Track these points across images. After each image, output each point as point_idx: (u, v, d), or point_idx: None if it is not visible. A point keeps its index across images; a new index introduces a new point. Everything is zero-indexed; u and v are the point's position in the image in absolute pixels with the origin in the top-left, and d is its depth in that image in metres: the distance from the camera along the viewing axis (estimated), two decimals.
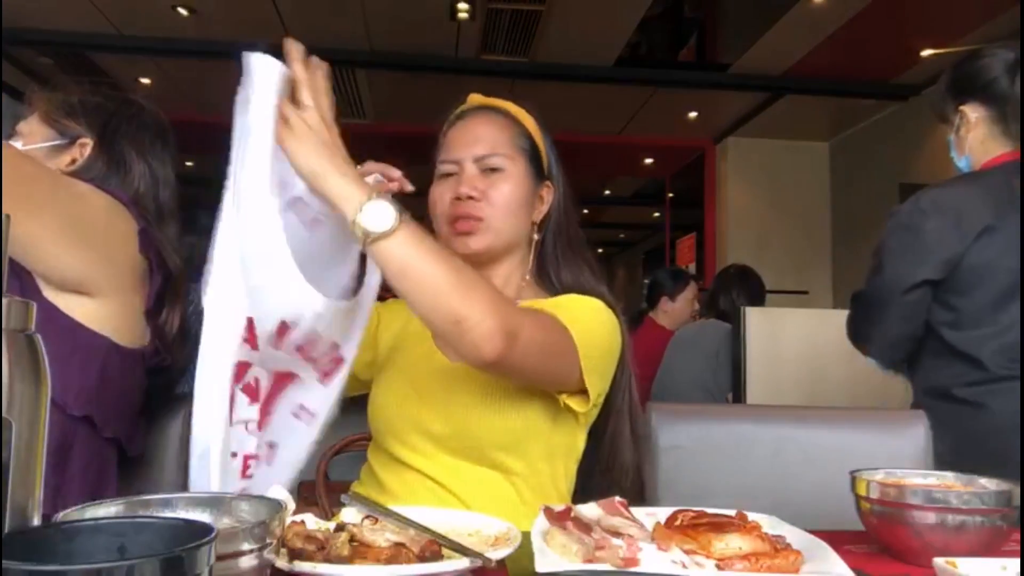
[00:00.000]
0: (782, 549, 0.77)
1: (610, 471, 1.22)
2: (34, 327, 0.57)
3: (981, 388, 1.52)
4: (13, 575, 0.42)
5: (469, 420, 1.10)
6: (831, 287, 6.34)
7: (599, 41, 4.97)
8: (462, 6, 4.50)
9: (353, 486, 1.21)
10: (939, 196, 1.59)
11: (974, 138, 1.64)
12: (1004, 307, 1.52)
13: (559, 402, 1.10)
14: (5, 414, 0.52)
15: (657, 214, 9.42)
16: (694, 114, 6.25)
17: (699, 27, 5.94)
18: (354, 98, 5.97)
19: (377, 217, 0.90)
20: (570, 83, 5.42)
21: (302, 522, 0.79)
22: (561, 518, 0.83)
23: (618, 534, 0.79)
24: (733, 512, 0.86)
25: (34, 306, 0.57)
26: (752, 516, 0.86)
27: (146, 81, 5.78)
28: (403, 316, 1.25)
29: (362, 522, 0.80)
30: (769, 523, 0.86)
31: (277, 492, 0.87)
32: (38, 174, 1.07)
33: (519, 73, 5.30)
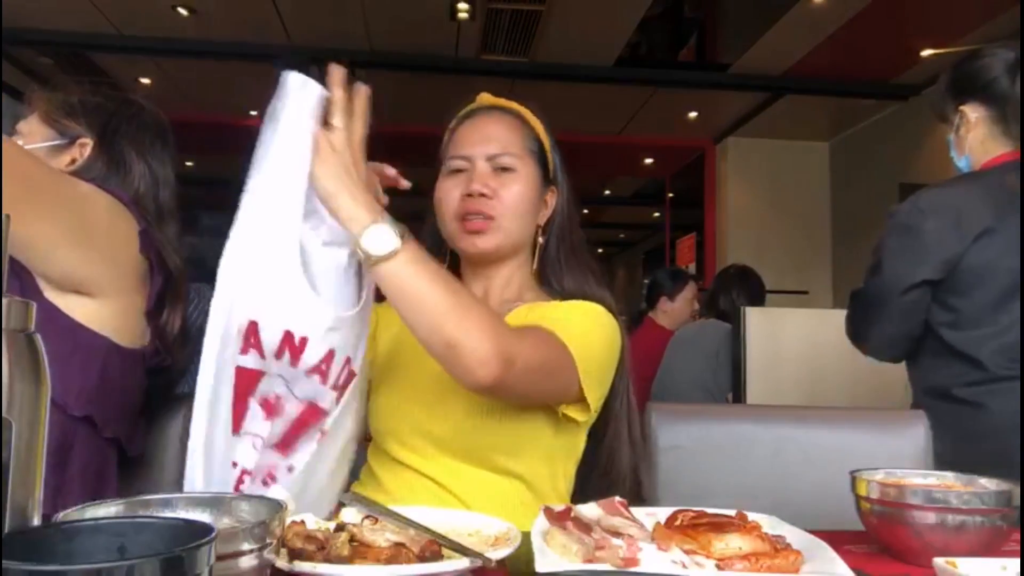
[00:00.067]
0: (782, 549, 0.77)
1: (607, 473, 1.22)
2: (34, 327, 0.57)
3: (981, 388, 1.52)
4: (13, 575, 0.42)
5: (471, 424, 1.10)
6: (831, 287, 6.33)
7: (599, 41, 4.97)
8: (462, 6, 4.50)
9: (353, 486, 1.21)
10: (938, 196, 1.59)
11: (974, 138, 1.64)
12: (1004, 307, 1.52)
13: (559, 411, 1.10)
14: (5, 414, 0.52)
15: (657, 214, 9.42)
16: (694, 114, 6.25)
17: (699, 27, 5.94)
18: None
19: (378, 240, 0.92)
20: (570, 83, 5.42)
21: (302, 522, 0.79)
22: (561, 518, 0.82)
23: (618, 534, 0.79)
24: (733, 512, 0.86)
25: (34, 306, 0.57)
26: (752, 516, 0.86)
27: (146, 81, 5.78)
28: (391, 321, 1.25)
29: (362, 522, 0.79)
30: (769, 523, 0.86)
31: (277, 492, 0.86)
32: (43, 173, 1.07)
33: (519, 73, 5.30)
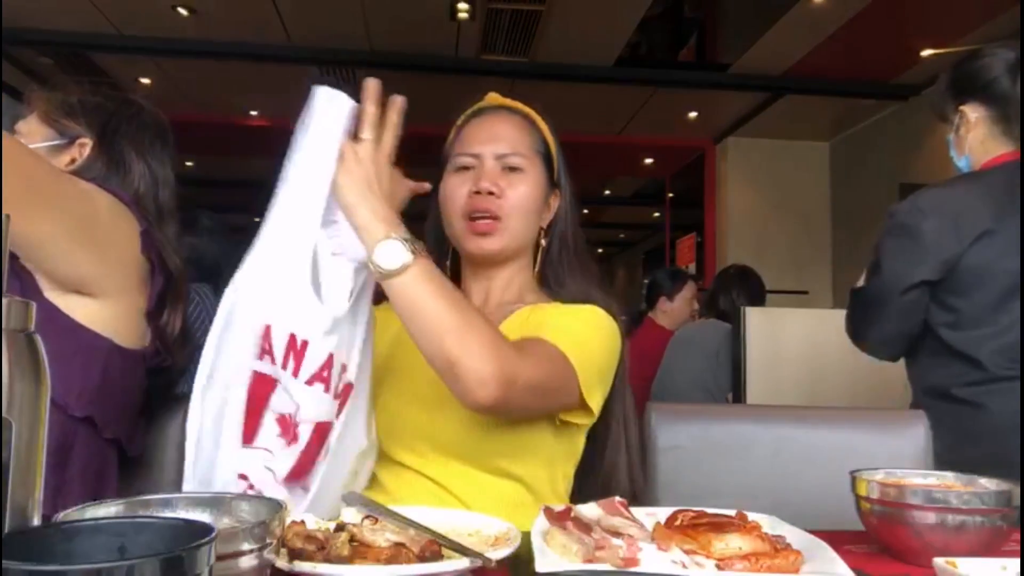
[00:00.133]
0: (782, 549, 0.77)
1: (605, 474, 1.22)
2: (34, 327, 0.57)
3: (980, 388, 1.52)
4: (13, 575, 0.42)
5: (471, 428, 1.10)
6: (831, 287, 6.33)
7: (599, 41, 4.97)
8: (462, 6, 4.50)
9: None
10: (938, 196, 1.59)
11: (974, 138, 1.64)
12: (1004, 308, 1.52)
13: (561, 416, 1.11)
14: (5, 414, 0.52)
15: (657, 214, 9.42)
16: (694, 114, 6.25)
17: (699, 27, 5.94)
18: (354, 98, 5.96)
19: (390, 255, 0.94)
20: (570, 83, 5.42)
21: (302, 522, 0.79)
22: (561, 518, 0.82)
23: (618, 534, 0.79)
24: (733, 512, 0.86)
25: (34, 306, 0.57)
26: (752, 516, 0.86)
27: (146, 81, 5.78)
28: (395, 320, 1.25)
29: (362, 522, 0.79)
30: (769, 523, 0.86)
31: (277, 492, 0.86)
32: (45, 172, 1.07)
33: (519, 73, 5.30)
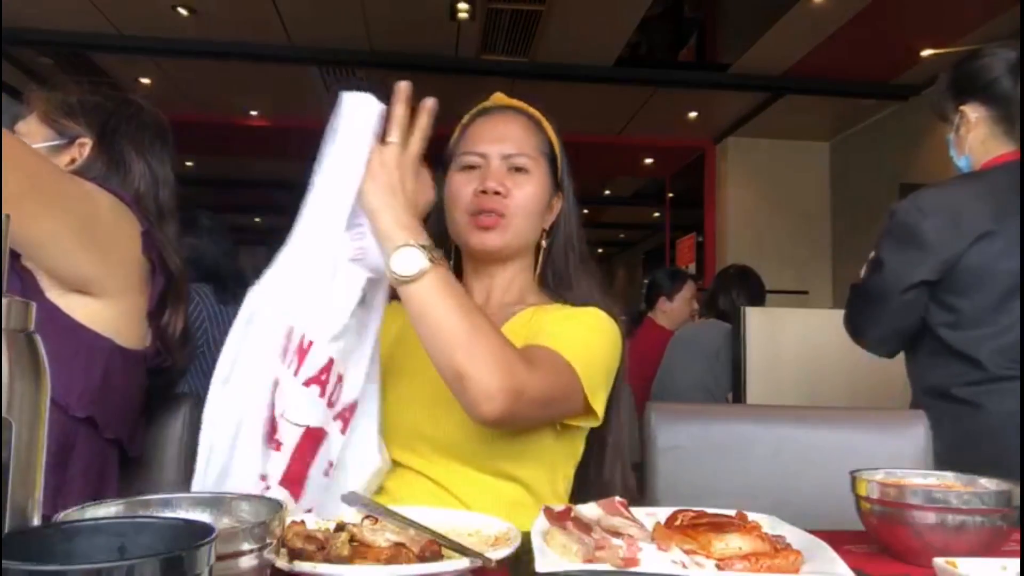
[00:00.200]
0: (782, 549, 0.77)
1: (602, 475, 1.22)
2: (34, 327, 0.57)
3: (980, 388, 1.52)
4: (13, 575, 0.42)
5: (473, 430, 1.09)
6: (831, 287, 6.33)
7: (599, 41, 4.97)
8: (462, 6, 4.50)
9: None
10: (938, 196, 1.59)
11: (974, 138, 1.64)
12: (1004, 308, 1.52)
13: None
14: (5, 414, 0.52)
15: (657, 214, 9.42)
16: (694, 114, 6.25)
17: (699, 27, 5.94)
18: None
19: (407, 262, 0.95)
20: (570, 83, 5.42)
21: (302, 522, 0.79)
22: (561, 518, 0.82)
23: (618, 534, 0.79)
24: (733, 512, 0.86)
25: (34, 306, 0.56)
26: (752, 516, 0.86)
27: (146, 81, 5.78)
28: (402, 318, 1.25)
29: (362, 522, 0.79)
30: (769, 523, 0.86)
31: (277, 492, 0.86)
32: (47, 171, 1.07)
33: (519, 73, 5.30)
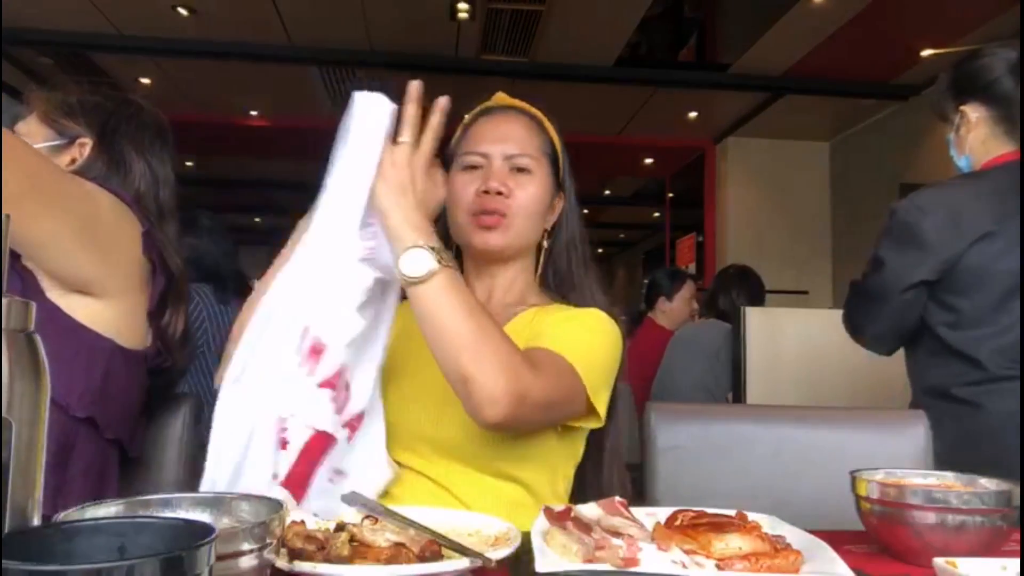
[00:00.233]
0: (782, 549, 0.77)
1: (600, 475, 1.23)
2: (34, 327, 0.57)
3: (979, 388, 1.52)
4: (13, 575, 0.42)
5: (475, 432, 1.09)
6: (831, 287, 6.33)
7: (599, 41, 4.97)
8: (462, 6, 4.50)
9: None
10: (938, 196, 1.59)
11: (975, 138, 1.64)
12: (1005, 308, 1.51)
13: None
14: (5, 414, 0.52)
15: (657, 214, 9.42)
16: (694, 114, 6.25)
17: (699, 27, 5.94)
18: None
19: (415, 263, 0.95)
20: (570, 83, 5.42)
21: (302, 522, 0.79)
22: (561, 518, 0.82)
23: (618, 534, 0.79)
24: (733, 512, 0.86)
25: (34, 306, 0.56)
26: (752, 516, 0.86)
27: (146, 81, 5.78)
28: (403, 317, 1.25)
29: (362, 522, 0.79)
30: (769, 523, 0.86)
31: (277, 492, 0.86)
32: (49, 170, 1.07)
33: (519, 73, 5.29)
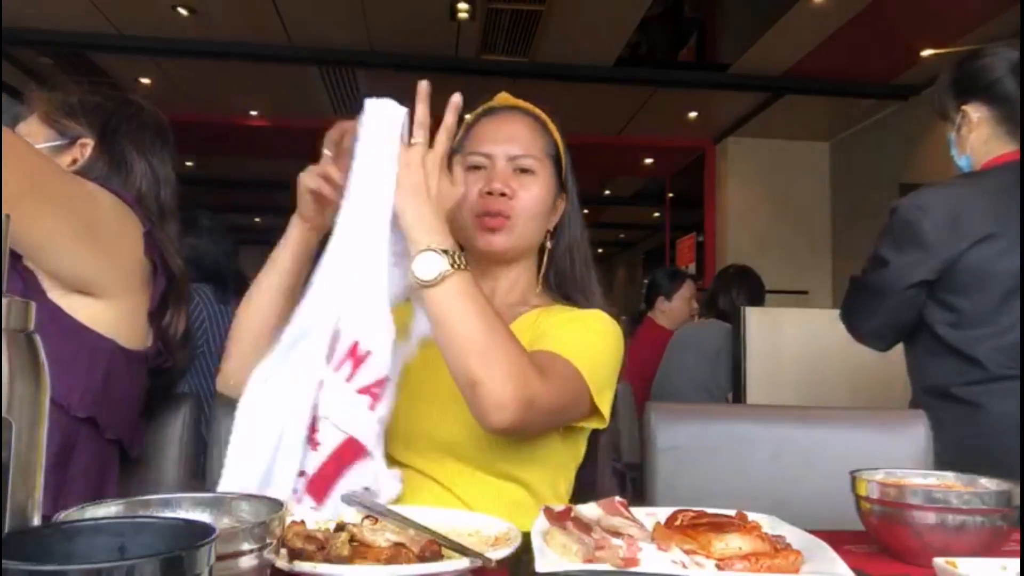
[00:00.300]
0: (782, 549, 0.77)
1: (596, 476, 1.23)
2: (34, 327, 0.57)
3: (979, 388, 1.52)
4: (13, 575, 0.42)
5: (478, 433, 1.09)
6: (831, 287, 6.34)
7: (599, 41, 4.98)
8: (462, 6, 4.50)
9: None
10: (939, 195, 1.59)
11: (976, 138, 1.64)
12: (1005, 308, 1.51)
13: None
14: (5, 414, 0.52)
15: (657, 214, 9.43)
16: (694, 114, 6.25)
17: (699, 27, 5.94)
18: (354, 98, 5.98)
19: (428, 266, 0.95)
20: (570, 83, 5.43)
21: (302, 522, 0.79)
22: (561, 518, 0.82)
23: (618, 534, 0.79)
24: (733, 512, 0.86)
25: (34, 306, 0.56)
26: (752, 516, 0.86)
27: (146, 81, 5.78)
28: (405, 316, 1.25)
29: (362, 522, 0.79)
30: (769, 523, 0.86)
31: (277, 492, 0.86)
32: (50, 170, 1.07)
33: (519, 73, 5.30)
